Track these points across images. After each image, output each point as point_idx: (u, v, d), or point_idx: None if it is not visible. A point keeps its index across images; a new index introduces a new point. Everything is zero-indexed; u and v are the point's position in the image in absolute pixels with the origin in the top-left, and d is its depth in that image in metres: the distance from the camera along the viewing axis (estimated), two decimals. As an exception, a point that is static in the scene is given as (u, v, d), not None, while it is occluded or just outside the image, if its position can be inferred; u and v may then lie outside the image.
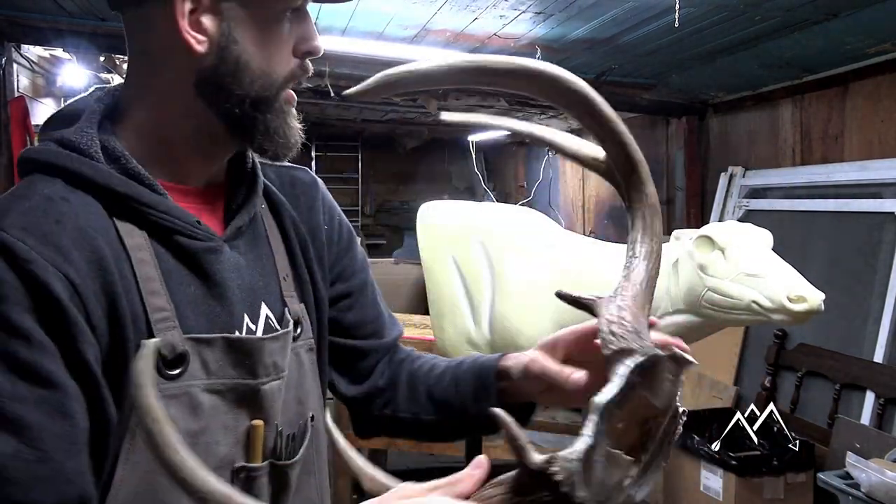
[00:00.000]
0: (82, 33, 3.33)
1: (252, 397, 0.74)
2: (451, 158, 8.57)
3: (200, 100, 0.73)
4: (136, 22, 0.73)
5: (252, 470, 0.74)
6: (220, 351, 0.72)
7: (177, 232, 0.71)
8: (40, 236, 0.62)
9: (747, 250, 1.28)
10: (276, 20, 0.73)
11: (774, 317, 1.23)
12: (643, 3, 2.88)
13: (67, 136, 0.70)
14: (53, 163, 0.69)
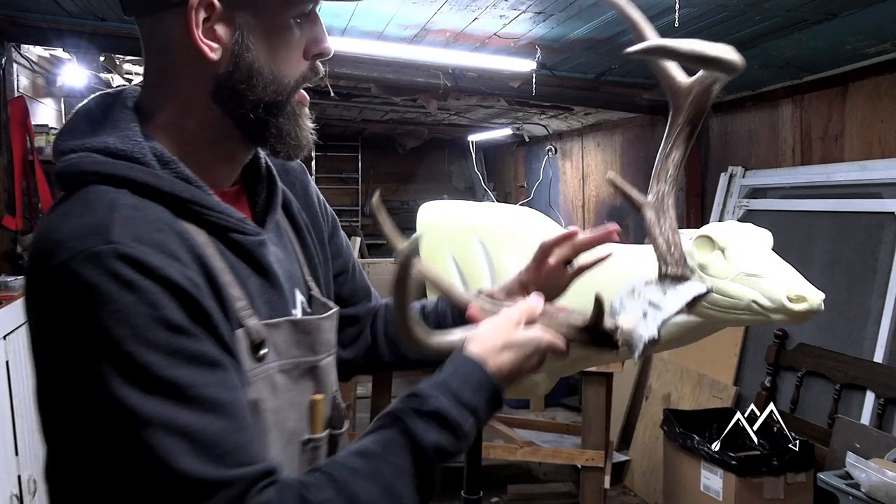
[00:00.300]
0: (82, 33, 3.33)
1: (312, 373, 0.81)
2: (451, 158, 8.57)
3: (217, 106, 0.76)
4: (151, 30, 0.75)
5: (316, 440, 0.81)
6: (286, 333, 0.78)
7: (232, 230, 0.75)
8: (154, 244, 0.65)
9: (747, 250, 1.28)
10: (288, 26, 0.76)
11: (774, 317, 1.23)
12: (643, 3, 2.86)
13: (116, 146, 0.71)
14: (116, 174, 0.69)
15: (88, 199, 0.68)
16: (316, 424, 0.81)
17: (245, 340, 0.73)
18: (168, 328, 0.63)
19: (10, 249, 3.61)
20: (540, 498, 3.63)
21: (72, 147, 0.72)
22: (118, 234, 0.64)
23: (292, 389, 0.79)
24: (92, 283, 0.62)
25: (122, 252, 0.63)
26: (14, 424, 2.24)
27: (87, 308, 0.62)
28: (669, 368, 3.86)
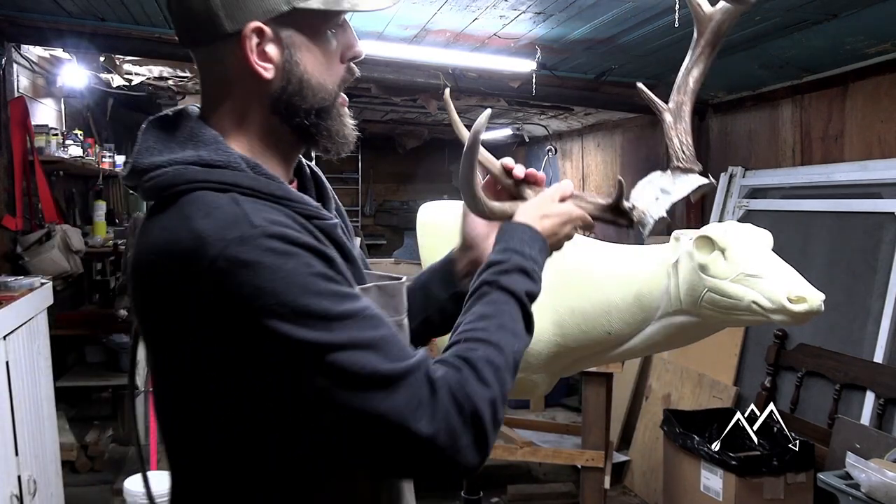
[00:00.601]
0: (82, 33, 3.33)
1: (401, 328, 0.92)
2: (451, 158, 8.57)
3: (275, 117, 0.85)
4: (208, 57, 0.86)
5: None
6: (375, 296, 0.88)
7: (314, 216, 0.83)
8: (285, 224, 0.76)
9: (747, 251, 1.28)
10: (326, 38, 0.86)
11: (774, 317, 1.23)
12: (643, 3, 2.88)
13: (212, 157, 0.80)
14: (223, 180, 0.78)
15: (207, 201, 0.76)
16: None
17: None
18: (324, 279, 0.75)
19: (10, 249, 3.61)
20: (540, 498, 3.63)
21: (157, 163, 0.80)
22: (258, 220, 0.74)
23: None
24: (254, 261, 0.71)
25: (268, 231, 0.73)
26: (14, 424, 2.24)
27: (256, 282, 0.71)
28: (669, 368, 3.86)
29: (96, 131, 5.19)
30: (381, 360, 0.74)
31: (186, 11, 0.82)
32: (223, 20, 0.80)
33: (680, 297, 1.36)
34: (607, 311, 1.44)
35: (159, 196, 0.79)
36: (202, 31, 0.82)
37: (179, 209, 0.76)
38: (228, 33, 0.80)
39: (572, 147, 6.27)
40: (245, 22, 0.80)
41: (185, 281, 0.73)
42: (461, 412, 0.76)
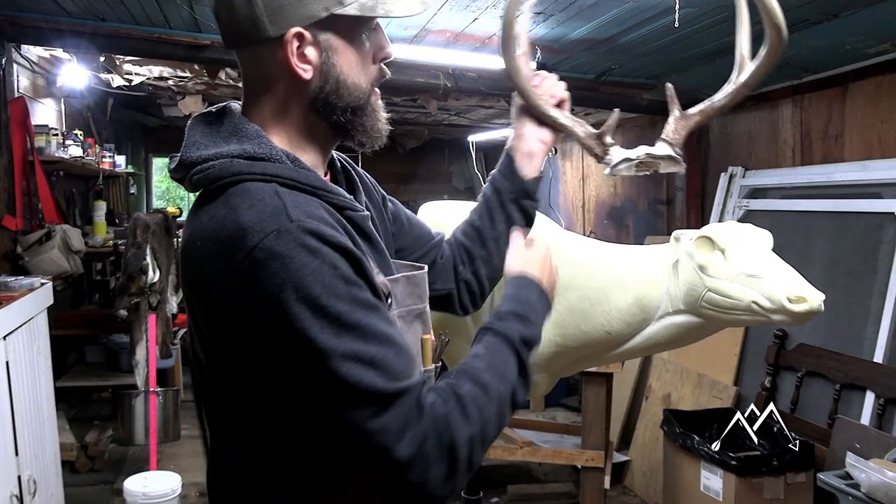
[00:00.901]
0: (82, 33, 3.32)
1: (421, 317, 0.99)
2: (451, 158, 8.57)
3: (313, 114, 0.91)
4: (251, 59, 0.91)
5: (428, 372, 0.98)
6: (402, 286, 0.95)
7: (347, 208, 0.90)
8: (321, 219, 0.81)
9: (747, 251, 1.28)
10: (360, 41, 0.92)
11: (774, 317, 1.23)
12: (643, 3, 2.88)
13: (256, 151, 0.86)
14: (267, 172, 0.84)
15: (251, 193, 0.82)
16: (426, 359, 0.98)
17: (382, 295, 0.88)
18: (346, 282, 0.79)
19: (10, 249, 3.61)
20: (540, 498, 3.63)
21: (204, 157, 0.87)
22: (296, 214, 0.79)
23: (408, 332, 0.96)
24: (287, 254, 0.76)
25: (304, 226, 0.78)
26: (14, 424, 2.23)
27: (284, 274, 0.76)
28: (669, 368, 3.86)
29: (96, 131, 5.20)
30: (380, 378, 0.77)
31: (232, 16, 0.88)
32: (266, 25, 0.86)
33: (680, 298, 1.36)
34: (607, 311, 1.44)
35: (207, 188, 0.85)
36: (246, 34, 0.88)
37: (226, 200, 0.82)
38: (271, 37, 0.86)
39: (572, 147, 6.27)
40: (287, 27, 0.86)
41: (226, 266, 0.79)
42: (440, 442, 0.79)
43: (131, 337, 3.89)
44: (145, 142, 7.77)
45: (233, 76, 4.21)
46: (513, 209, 1.20)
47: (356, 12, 0.87)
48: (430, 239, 1.22)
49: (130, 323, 3.87)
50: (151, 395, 3.60)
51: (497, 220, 1.20)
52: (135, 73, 4.20)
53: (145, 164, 7.90)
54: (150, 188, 8.37)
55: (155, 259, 3.86)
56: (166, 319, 4.03)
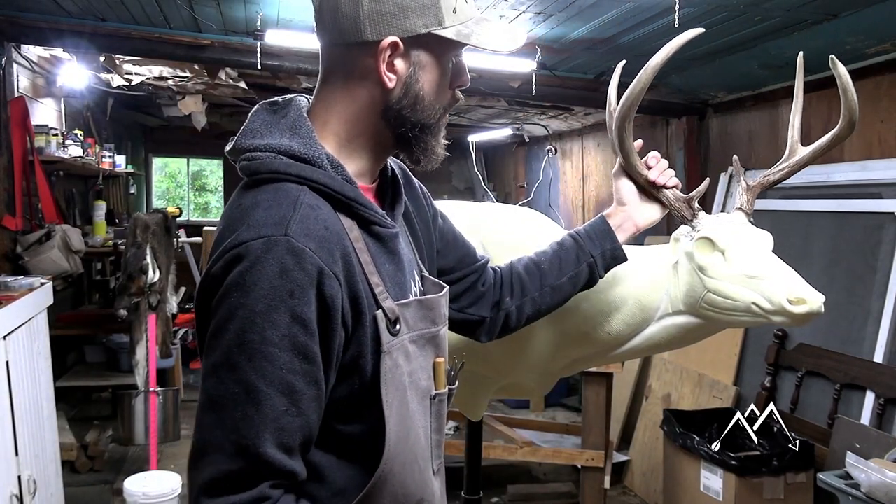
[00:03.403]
0: (82, 33, 3.33)
1: (434, 341, 0.98)
2: (451, 158, 8.52)
3: (383, 122, 0.94)
4: (341, 57, 0.93)
5: (441, 395, 0.98)
6: (414, 310, 0.94)
7: (375, 223, 0.92)
8: (319, 241, 0.82)
9: (748, 252, 1.28)
10: (447, 63, 0.95)
11: (774, 318, 1.22)
12: (643, 3, 2.88)
13: (300, 150, 0.89)
14: (301, 174, 0.87)
15: (279, 195, 0.85)
16: (439, 382, 0.98)
17: (384, 320, 0.88)
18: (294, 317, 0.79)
19: (10, 249, 3.60)
20: (540, 498, 3.63)
21: (255, 146, 0.90)
22: (294, 230, 0.81)
23: (421, 355, 0.96)
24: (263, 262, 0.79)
25: (293, 246, 0.80)
26: (14, 424, 2.23)
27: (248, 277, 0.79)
28: (669, 368, 3.86)
29: (96, 131, 5.20)
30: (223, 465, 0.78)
31: (335, 12, 0.90)
32: (367, 29, 0.89)
33: (680, 298, 1.36)
34: (607, 311, 1.44)
35: (248, 174, 0.90)
36: (344, 32, 0.90)
37: (256, 194, 0.87)
38: (368, 41, 0.89)
39: (572, 147, 6.27)
40: (385, 35, 0.89)
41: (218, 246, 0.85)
42: None
43: (131, 337, 3.89)
44: (145, 142, 7.77)
45: (233, 76, 4.21)
46: (584, 269, 1.25)
47: (452, 36, 0.91)
48: (474, 262, 1.23)
49: (130, 323, 3.87)
50: (151, 395, 3.60)
51: (565, 272, 1.25)
52: (135, 73, 4.20)
53: (145, 164, 7.89)
54: (150, 188, 8.36)
55: (155, 259, 3.86)
56: (166, 319, 4.03)
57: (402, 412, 0.90)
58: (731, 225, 1.31)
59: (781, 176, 1.43)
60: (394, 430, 0.88)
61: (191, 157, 9.25)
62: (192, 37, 3.51)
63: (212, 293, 0.83)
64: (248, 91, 4.46)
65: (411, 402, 0.92)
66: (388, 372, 0.87)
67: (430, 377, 0.97)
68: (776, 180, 1.42)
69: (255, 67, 3.53)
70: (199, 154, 8.78)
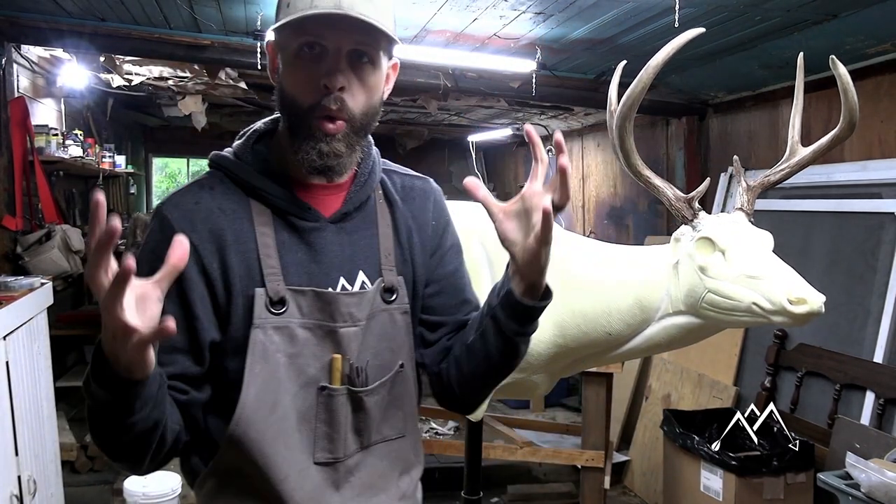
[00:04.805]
0: (82, 33, 3.32)
1: (332, 336, 1.00)
2: (451, 158, 8.57)
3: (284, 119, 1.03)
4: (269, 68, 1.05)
5: (332, 390, 1.00)
6: (310, 300, 0.99)
7: (290, 214, 1.01)
8: (183, 212, 0.98)
9: (748, 252, 1.28)
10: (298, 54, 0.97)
11: (775, 318, 1.23)
12: (643, 3, 2.88)
13: (237, 147, 1.06)
14: (219, 163, 1.05)
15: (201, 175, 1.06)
16: (334, 378, 1.00)
17: (264, 297, 0.97)
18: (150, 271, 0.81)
19: (10, 249, 3.60)
20: (540, 498, 3.63)
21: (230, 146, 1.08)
22: (168, 201, 1.01)
23: (315, 345, 1.00)
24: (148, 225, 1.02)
25: (160, 213, 0.99)
26: (14, 424, 2.23)
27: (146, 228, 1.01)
28: (669, 369, 3.86)
29: (96, 131, 5.19)
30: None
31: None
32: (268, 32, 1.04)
33: (680, 299, 1.36)
34: (607, 311, 1.44)
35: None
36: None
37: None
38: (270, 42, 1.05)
39: (572, 147, 6.27)
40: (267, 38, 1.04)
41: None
42: None
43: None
44: (145, 142, 7.77)
45: (233, 76, 4.21)
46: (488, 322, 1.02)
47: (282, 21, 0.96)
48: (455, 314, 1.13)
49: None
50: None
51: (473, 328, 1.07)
52: (135, 73, 4.20)
53: (145, 164, 7.89)
54: (150, 188, 8.36)
55: (155, 259, 3.85)
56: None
57: (269, 387, 0.96)
58: (732, 225, 1.31)
59: (782, 176, 1.42)
60: (252, 397, 0.95)
61: (191, 157, 9.25)
62: (191, 37, 3.51)
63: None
64: (248, 91, 4.46)
65: (286, 381, 0.98)
66: (257, 343, 0.96)
67: (322, 368, 1.00)
68: (776, 180, 1.42)
69: (255, 67, 3.53)
70: (199, 154, 8.77)
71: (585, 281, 1.50)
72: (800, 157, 1.42)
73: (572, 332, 1.50)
